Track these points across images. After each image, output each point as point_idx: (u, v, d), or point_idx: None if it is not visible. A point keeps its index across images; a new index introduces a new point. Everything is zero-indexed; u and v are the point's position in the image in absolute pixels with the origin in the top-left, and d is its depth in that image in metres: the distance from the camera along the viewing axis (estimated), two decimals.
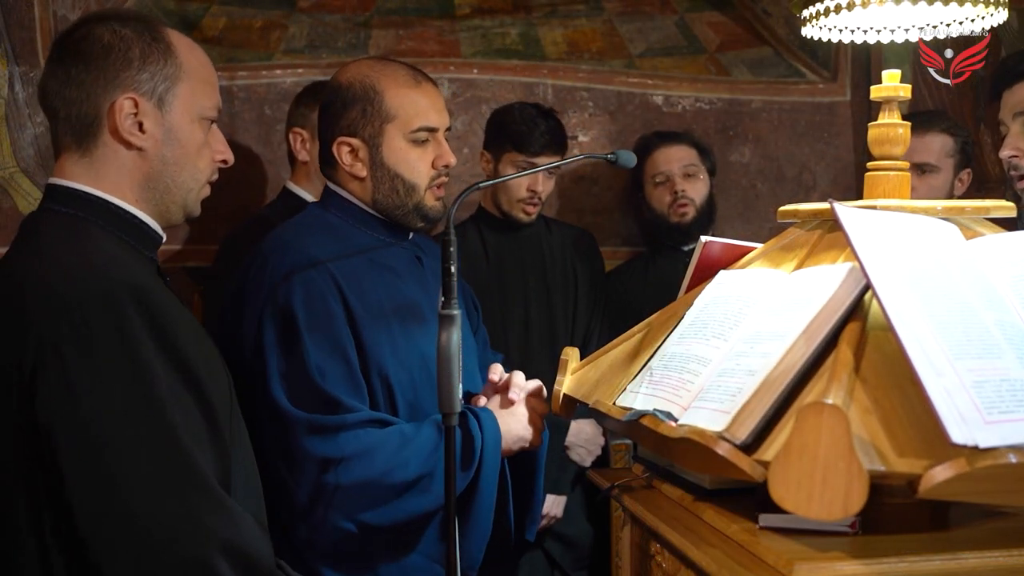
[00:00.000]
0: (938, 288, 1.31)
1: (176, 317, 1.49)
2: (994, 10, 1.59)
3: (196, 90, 1.62)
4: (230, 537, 1.43)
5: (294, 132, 2.88)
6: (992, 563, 1.29)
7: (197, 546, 1.40)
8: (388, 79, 2.06)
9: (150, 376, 1.41)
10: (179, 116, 1.60)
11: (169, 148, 1.59)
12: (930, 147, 2.89)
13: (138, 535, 1.39)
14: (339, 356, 1.92)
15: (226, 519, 1.44)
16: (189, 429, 1.44)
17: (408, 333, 2.03)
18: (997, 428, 1.15)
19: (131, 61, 1.55)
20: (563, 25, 3.50)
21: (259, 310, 1.94)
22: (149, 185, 1.60)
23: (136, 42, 1.57)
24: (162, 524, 1.39)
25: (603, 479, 1.87)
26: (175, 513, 1.40)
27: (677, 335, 1.61)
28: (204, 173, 1.65)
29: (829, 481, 1.17)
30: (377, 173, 2.07)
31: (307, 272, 1.96)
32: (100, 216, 1.56)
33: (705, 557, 1.39)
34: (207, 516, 1.42)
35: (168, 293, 1.56)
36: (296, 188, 2.89)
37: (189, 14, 3.21)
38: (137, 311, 1.42)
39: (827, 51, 3.54)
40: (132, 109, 1.55)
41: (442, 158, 2.09)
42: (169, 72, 1.58)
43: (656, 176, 3.18)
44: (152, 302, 1.45)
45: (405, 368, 2.00)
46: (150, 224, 1.62)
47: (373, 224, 2.11)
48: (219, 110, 1.68)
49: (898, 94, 1.63)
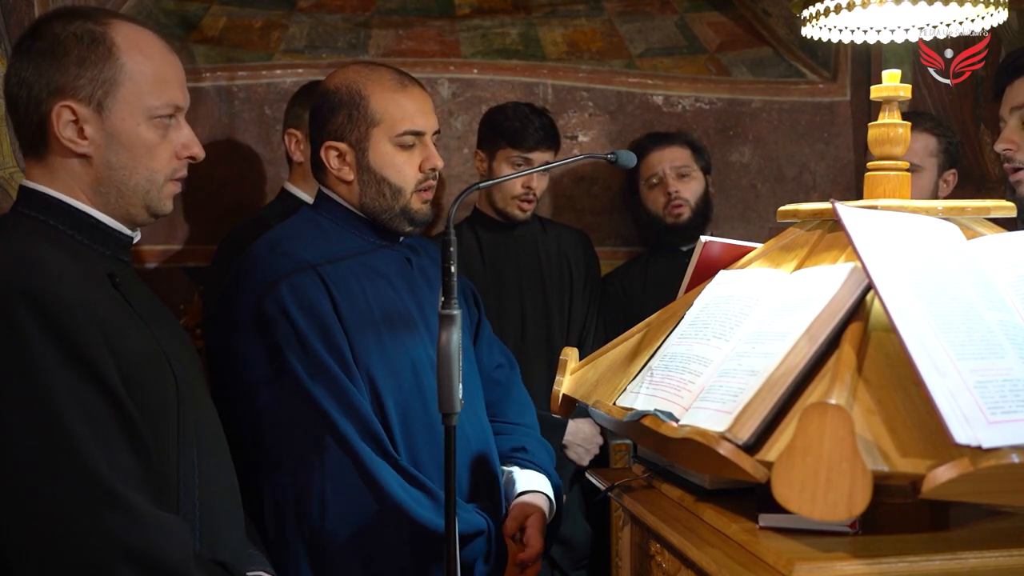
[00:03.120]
0: (940, 288, 1.31)
1: (87, 318, 1.44)
2: (994, 10, 1.59)
3: (142, 91, 1.57)
4: (137, 543, 1.39)
5: (289, 133, 2.88)
6: (992, 563, 1.29)
7: (96, 552, 1.38)
8: (374, 83, 2.07)
9: (40, 378, 1.39)
10: (121, 119, 1.56)
11: (114, 152, 1.57)
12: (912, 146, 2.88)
13: (38, 539, 1.37)
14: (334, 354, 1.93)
15: (133, 524, 1.40)
16: (92, 431, 1.40)
17: (397, 339, 2.04)
18: (1000, 428, 1.15)
19: (67, 67, 1.53)
20: (563, 25, 3.50)
21: (248, 313, 1.95)
22: (101, 189, 1.59)
23: (74, 46, 1.54)
24: (60, 529, 1.37)
25: (603, 479, 1.87)
26: (71, 518, 1.38)
27: (677, 335, 1.61)
28: (161, 172, 1.62)
29: (833, 481, 1.17)
30: (364, 177, 2.08)
31: (296, 275, 1.96)
32: (56, 217, 1.56)
33: (705, 557, 1.39)
34: (112, 524, 1.38)
35: (108, 294, 1.53)
36: (294, 189, 2.89)
37: (189, 14, 3.21)
38: (31, 312, 1.40)
39: (827, 51, 3.54)
40: (70, 116, 1.54)
41: (429, 161, 2.09)
42: (108, 76, 1.55)
43: (650, 178, 3.18)
44: (54, 304, 1.42)
45: (394, 374, 2.01)
46: (110, 224, 1.61)
47: (362, 227, 2.12)
48: (178, 107, 1.63)
49: (898, 94, 1.63)
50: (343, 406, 1.91)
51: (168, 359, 1.60)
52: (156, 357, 1.58)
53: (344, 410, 1.90)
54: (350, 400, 1.92)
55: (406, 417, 2.01)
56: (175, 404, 1.58)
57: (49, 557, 1.37)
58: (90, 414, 1.42)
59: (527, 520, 2.10)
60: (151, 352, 1.57)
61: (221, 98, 3.18)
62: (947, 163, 2.95)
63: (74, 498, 1.38)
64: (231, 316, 1.98)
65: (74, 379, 1.41)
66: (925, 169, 2.89)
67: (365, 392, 1.96)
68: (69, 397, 1.40)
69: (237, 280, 2.01)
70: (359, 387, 1.95)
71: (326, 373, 1.91)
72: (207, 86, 3.16)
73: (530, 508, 2.13)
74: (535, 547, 2.07)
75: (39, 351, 1.40)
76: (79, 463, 1.38)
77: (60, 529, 1.37)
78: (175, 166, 1.64)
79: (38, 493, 1.37)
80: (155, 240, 3.08)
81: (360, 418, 1.91)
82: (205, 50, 3.20)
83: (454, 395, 1.58)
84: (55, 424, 1.38)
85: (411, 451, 2.00)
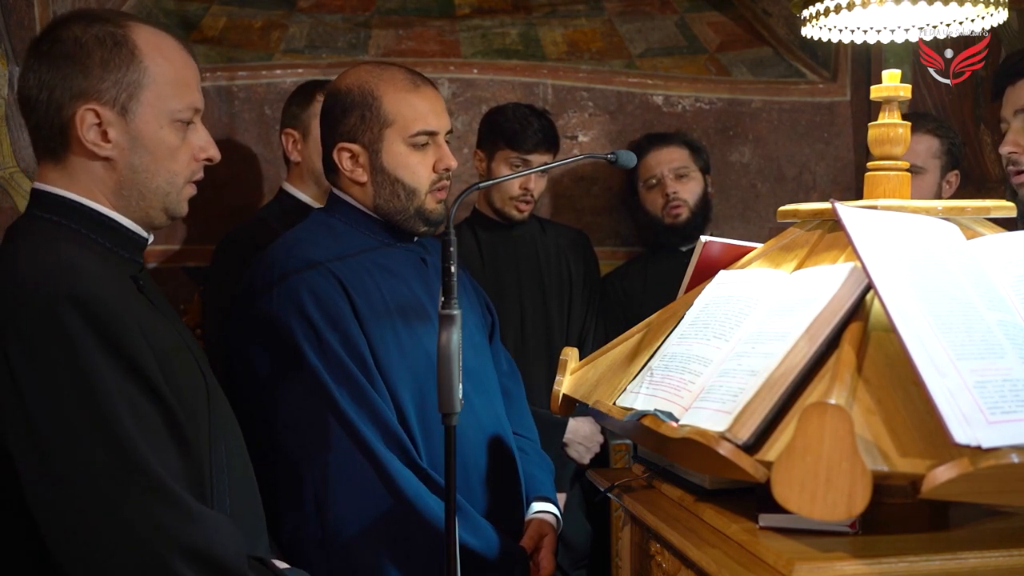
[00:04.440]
0: (940, 288, 1.31)
1: (130, 321, 1.46)
2: (994, 10, 1.59)
3: (164, 94, 1.58)
4: (193, 540, 1.40)
5: (286, 133, 2.86)
6: (992, 563, 1.29)
7: (156, 550, 1.38)
8: (386, 84, 2.06)
9: (94, 381, 1.40)
10: (145, 122, 1.57)
11: (137, 155, 1.58)
12: (915, 148, 2.88)
13: (94, 540, 1.38)
14: (354, 356, 1.93)
15: (188, 521, 1.41)
16: (143, 432, 1.42)
17: (413, 332, 2.03)
18: (1000, 428, 1.15)
19: (91, 70, 1.53)
20: (563, 25, 3.50)
21: (266, 314, 1.94)
22: (123, 192, 1.59)
23: (97, 49, 1.54)
24: (117, 528, 1.38)
25: (603, 479, 1.87)
26: (130, 517, 1.38)
27: (677, 335, 1.61)
28: (181, 175, 1.63)
29: (833, 481, 1.17)
30: (378, 178, 2.07)
31: (313, 276, 1.96)
32: (78, 220, 1.56)
33: (705, 557, 1.39)
34: (166, 519, 1.39)
35: (135, 296, 1.55)
36: (292, 189, 2.87)
37: (189, 14, 3.21)
38: (81, 317, 1.41)
39: (827, 51, 3.54)
40: (95, 120, 1.54)
41: (442, 161, 2.09)
42: (132, 79, 1.55)
43: (648, 179, 3.18)
44: (100, 308, 1.43)
45: (410, 367, 2.00)
46: (129, 227, 1.61)
47: (376, 228, 2.11)
48: (197, 109, 1.64)
49: (898, 94, 1.63)
50: (363, 408, 1.90)
51: (194, 354, 1.63)
52: (184, 353, 1.60)
53: (364, 412, 1.90)
54: (372, 405, 1.91)
55: (423, 410, 2.00)
56: (205, 400, 1.60)
57: (103, 556, 1.38)
58: (139, 413, 1.43)
59: (542, 540, 2.12)
60: (179, 348, 1.59)
61: (221, 98, 3.18)
62: (949, 165, 2.94)
63: (130, 496, 1.39)
64: (248, 317, 1.98)
65: (123, 380, 1.43)
66: (928, 171, 2.89)
67: (386, 395, 1.95)
68: (120, 397, 1.41)
69: (253, 281, 2.00)
70: (378, 389, 1.94)
71: (345, 374, 1.91)
72: (207, 86, 3.15)
73: (545, 528, 2.15)
74: (548, 569, 2.09)
75: (91, 356, 1.40)
76: (131, 460, 1.39)
77: (114, 526, 1.38)
78: (193, 168, 1.65)
79: (92, 492, 1.38)
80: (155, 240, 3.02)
81: (382, 424, 1.91)
82: (205, 50, 3.20)
83: (454, 395, 1.58)
84: (108, 425, 1.39)
85: (429, 445, 1.99)
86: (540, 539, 2.12)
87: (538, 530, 2.13)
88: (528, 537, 2.11)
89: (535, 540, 2.11)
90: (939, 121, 3.05)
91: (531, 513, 2.18)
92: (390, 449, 1.90)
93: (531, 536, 2.11)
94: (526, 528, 2.14)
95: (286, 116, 2.90)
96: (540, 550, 2.10)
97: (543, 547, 2.11)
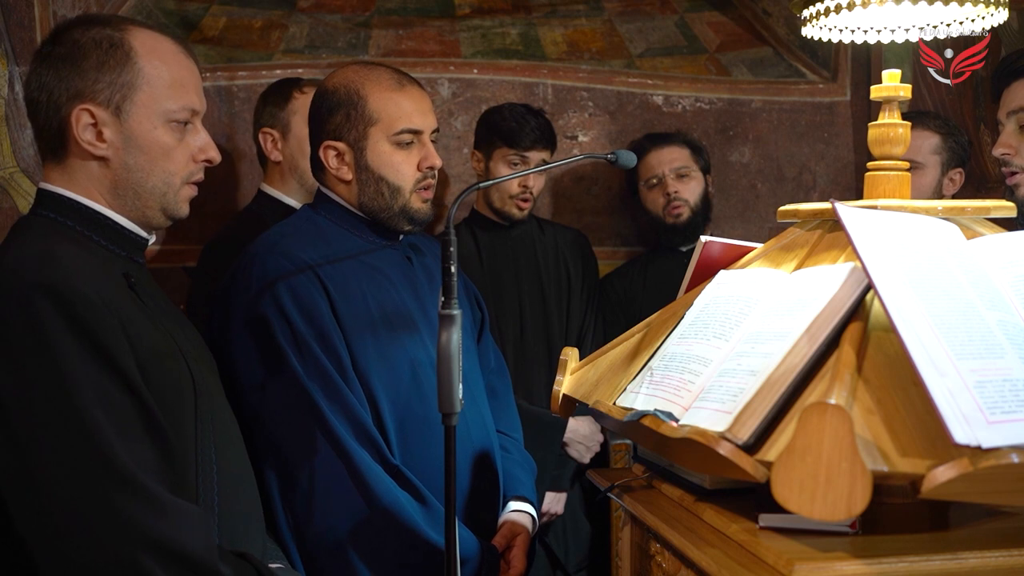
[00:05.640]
0: (940, 288, 1.31)
1: (109, 314, 1.47)
2: (994, 10, 1.59)
3: (159, 95, 1.61)
4: (160, 533, 1.40)
5: (264, 132, 2.80)
6: (992, 563, 1.29)
7: (122, 545, 1.39)
8: (371, 83, 2.07)
9: (64, 370, 1.41)
10: (139, 123, 1.60)
11: (132, 155, 1.60)
12: (915, 144, 2.87)
13: (62, 533, 1.38)
14: (329, 353, 1.93)
15: (156, 515, 1.41)
16: (113, 422, 1.42)
17: (396, 339, 2.04)
18: (1000, 428, 1.15)
19: (86, 71, 1.57)
20: (563, 25, 3.50)
21: (245, 313, 1.95)
22: (118, 191, 1.62)
23: (93, 51, 1.57)
24: (83, 522, 1.38)
25: (603, 479, 1.87)
26: (96, 511, 1.39)
27: (677, 335, 1.61)
28: (178, 175, 1.65)
29: (832, 481, 1.18)
30: (362, 176, 2.08)
31: (294, 276, 1.97)
32: (75, 218, 1.59)
33: (705, 557, 1.39)
34: (134, 512, 1.40)
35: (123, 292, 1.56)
36: (270, 189, 2.82)
37: (189, 14, 3.21)
38: (54, 307, 1.42)
39: (827, 51, 3.54)
40: (90, 120, 1.57)
41: (427, 160, 2.10)
42: (126, 80, 1.59)
43: (649, 179, 3.18)
44: (76, 298, 1.44)
45: (392, 375, 2.01)
46: (126, 226, 1.64)
47: (361, 227, 2.12)
48: (194, 111, 1.66)
49: (898, 94, 1.63)
50: (338, 406, 1.91)
51: (184, 356, 1.63)
52: (171, 353, 1.61)
53: (338, 411, 1.91)
54: (345, 402, 1.92)
55: (403, 418, 2.01)
56: (192, 399, 1.60)
57: (70, 547, 1.38)
58: (110, 404, 1.44)
59: (515, 539, 2.12)
60: (166, 348, 1.59)
61: (221, 98, 3.18)
62: (952, 162, 2.93)
63: (97, 488, 1.39)
64: (228, 315, 1.98)
65: (95, 371, 1.44)
66: (927, 167, 2.88)
67: (361, 395, 1.96)
68: (90, 388, 1.42)
69: (234, 278, 2.01)
70: (355, 391, 1.95)
71: (322, 374, 1.92)
72: (207, 86, 3.14)
73: (519, 528, 2.15)
74: (518, 569, 2.09)
75: (61, 344, 1.42)
76: (98, 452, 1.40)
77: (80, 518, 1.38)
78: (192, 169, 1.67)
79: (58, 483, 1.39)
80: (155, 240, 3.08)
81: (354, 420, 1.92)
82: (205, 50, 3.20)
83: (454, 395, 1.58)
84: (76, 415, 1.40)
85: (406, 452, 2.00)
86: (513, 538, 2.12)
87: (511, 529, 2.13)
88: (500, 536, 2.11)
89: (507, 539, 2.11)
90: (943, 119, 3.03)
91: (506, 512, 2.18)
92: (362, 445, 1.91)
93: (503, 535, 2.12)
94: (500, 527, 2.14)
95: (263, 115, 2.83)
96: (512, 549, 2.10)
97: (515, 546, 2.11)
